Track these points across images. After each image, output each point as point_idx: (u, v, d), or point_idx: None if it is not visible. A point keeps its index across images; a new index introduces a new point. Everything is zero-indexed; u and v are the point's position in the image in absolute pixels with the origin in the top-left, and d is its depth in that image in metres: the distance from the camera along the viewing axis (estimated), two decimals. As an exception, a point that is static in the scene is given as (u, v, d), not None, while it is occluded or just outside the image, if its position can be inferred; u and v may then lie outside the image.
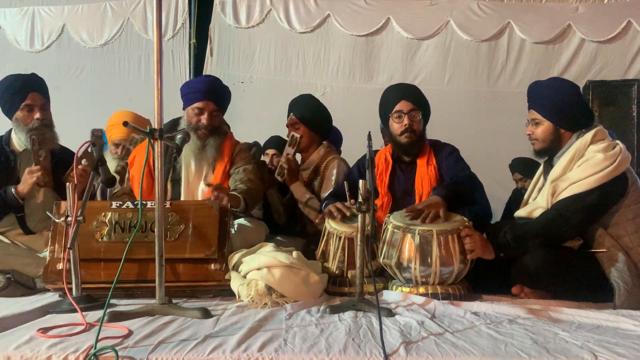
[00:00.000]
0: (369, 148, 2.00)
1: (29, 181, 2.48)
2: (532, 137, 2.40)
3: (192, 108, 2.74)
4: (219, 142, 2.76)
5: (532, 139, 2.41)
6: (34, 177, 2.46)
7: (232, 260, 2.19)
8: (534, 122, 2.39)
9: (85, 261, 2.08)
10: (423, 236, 2.13)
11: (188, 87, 2.82)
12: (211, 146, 2.72)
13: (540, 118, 2.36)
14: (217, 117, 2.77)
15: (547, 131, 2.35)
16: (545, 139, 2.36)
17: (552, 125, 2.34)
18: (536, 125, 2.38)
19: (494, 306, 1.93)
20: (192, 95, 2.75)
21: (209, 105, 2.71)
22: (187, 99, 2.78)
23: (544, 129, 2.35)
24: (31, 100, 2.61)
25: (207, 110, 2.71)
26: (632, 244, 2.16)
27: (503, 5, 5.30)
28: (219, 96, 2.78)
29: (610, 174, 2.16)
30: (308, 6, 5.40)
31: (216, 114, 2.75)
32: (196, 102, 2.72)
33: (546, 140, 2.36)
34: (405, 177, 2.70)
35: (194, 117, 2.73)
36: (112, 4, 5.53)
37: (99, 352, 1.36)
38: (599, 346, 1.46)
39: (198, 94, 2.73)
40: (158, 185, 1.85)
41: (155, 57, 1.82)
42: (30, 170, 2.47)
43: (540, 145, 2.39)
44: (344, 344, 1.46)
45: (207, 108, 2.71)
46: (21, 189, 2.51)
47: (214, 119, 2.74)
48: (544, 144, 2.37)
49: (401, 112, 2.64)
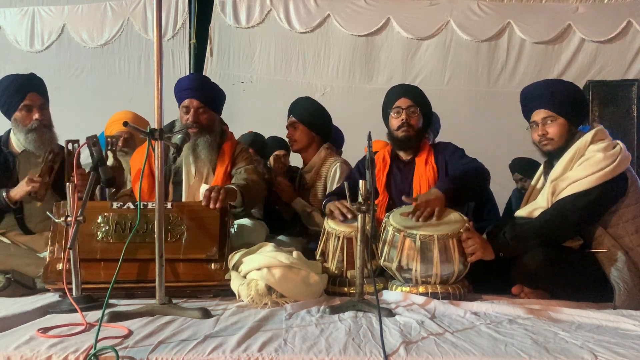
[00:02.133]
0: (369, 148, 2.00)
1: (23, 188, 2.46)
2: (547, 137, 2.34)
3: (180, 108, 2.75)
4: (211, 141, 2.71)
5: (545, 139, 2.35)
6: (30, 187, 2.44)
7: (232, 260, 2.19)
8: (545, 121, 2.34)
9: (85, 261, 2.08)
10: (424, 241, 2.13)
11: (176, 87, 2.82)
12: (203, 146, 2.69)
13: (554, 115, 2.33)
14: (205, 115, 2.72)
15: (563, 128, 2.32)
16: (561, 136, 2.32)
17: (566, 122, 2.32)
18: (550, 123, 2.34)
19: (494, 306, 1.93)
20: (179, 95, 2.77)
21: (192, 102, 2.70)
22: (177, 99, 2.79)
23: (560, 127, 2.32)
24: (30, 100, 2.60)
25: (192, 108, 2.70)
26: (632, 244, 2.16)
27: (503, 5, 5.30)
28: (204, 93, 2.75)
29: (610, 173, 2.16)
30: (308, 6, 5.41)
31: (203, 111, 2.71)
32: (182, 100, 2.73)
33: (562, 138, 2.32)
34: (402, 176, 2.70)
35: (183, 117, 2.73)
36: (112, 4, 5.53)
37: (99, 352, 1.36)
38: (599, 346, 1.46)
39: (184, 92, 2.74)
40: (158, 185, 1.85)
41: (155, 57, 1.82)
42: (31, 179, 2.45)
43: (555, 144, 2.34)
44: (344, 344, 1.46)
45: (192, 105, 2.70)
46: (13, 194, 2.50)
47: (200, 117, 2.70)
48: (560, 142, 2.33)
49: (399, 108, 2.66)
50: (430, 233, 2.13)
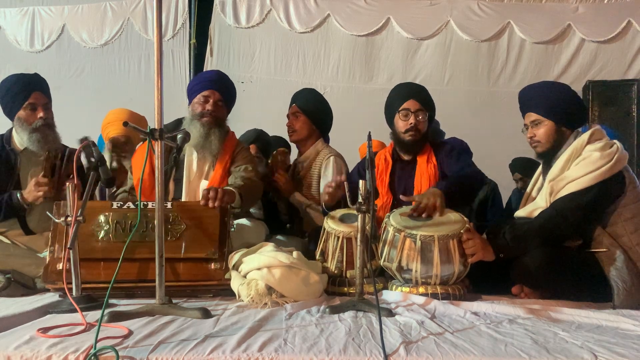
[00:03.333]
0: (368, 148, 2.00)
1: (34, 193, 2.47)
2: (535, 139, 2.39)
3: (198, 97, 2.77)
4: (222, 135, 2.76)
5: (534, 142, 2.40)
6: (41, 192, 2.46)
7: (232, 260, 2.19)
8: (534, 123, 2.39)
9: (85, 261, 2.07)
10: (424, 242, 2.13)
11: (197, 79, 2.87)
12: (215, 137, 2.73)
13: (541, 118, 2.36)
14: (222, 109, 2.80)
15: (549, 131, 2.35)
16: (548, 139, 2.36)
17: (554, 124, 2.35)
18: (537, 126, 2.38)
19: (494, 306, 1.93)
20: (199, 85, 2.80)
21: (214, 94, 2.76)
22: (193, 91, 2.81)
23: (547, 129, 2.36)
24: (34, 99, 2.61)
25: (213, 99, 2.75)
26: (631, 243, 2.16)
27: (503, 5, 5.31)
28: (225, 89, 2.83)
29: (607, 172, 2.16)
30: (308, 6, 5.41)
31: (221, 105, 2.78)
32: (203, 90, 2.77)
33: (550, 140, 2.36)
34: (405, 175, 2.71)
35: (199, 107, 2.75)
36: (112, 4, 5.54)
37: (99, 352, 1.36)
38: (599, 346, 1.46)
39: (206, 83, 2.79)
40: (158, 185, 1.85)
41: (156, 57, 1.82)
42: (38, 183, 2.46)
43: (543, 147, 2.38)
44: (344, 344, 1.46)
45: (213, 97, 2.76)
46: (27, 197, 2.51)
47: (219, 109, 2.77)
48: (548, 145, 2.37)
49: (408, 111, 2.65)
50: (430, 233, 2.13)
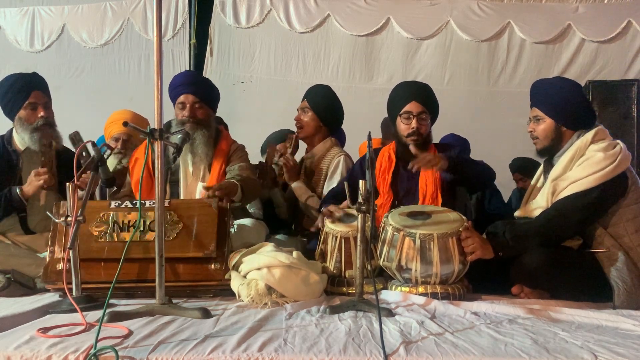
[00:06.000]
0: (369, 148, 2.00)
1: (34, 183, 2.47)
2: (534, 134, 2.41)
3: (176, 105, 2.77)
4: (207, 137, 2.73)
5: (533, 137, 2.42)
6: (41, 180, 2.46)
7: (232, 260, 2.19)
8: (535, 119, 2.40)
9: (85, 261, 2.08)
10: (423, 240, 2.13)
11: (170, 87, 2.84)
12: (200, 141, 2.70)
13: (542, 115, 2.37)
14: (201, 110, 2.75)
15: (548, 129, 2.36)
16: (546, 137, 2.37)
17: (554, 123, 2.35)
18: (537, 122, 2.39)
19: (494, 306, 1.93)
20: (174, 93, 2.79)
21: (188, 97, 2.74)
22: (172, 98, 2.81)
23: (546, 127, 2.36)
24: (34, 98, 2.61)
25: (188, 103, 2.73)
26: (632, 243, 2.16)
27: (503, 5, 5.30)
28: (199, 88, 2.79)
29: (610, 173, 2.16)
30: (308, 6, 5.40)
31: (199, 106, 2.74)
32: (178, 97, 2.76)
33: (547, 138, 2.37)
34: (408, 176, 2.67)
35: (179, 114, 2.75)
36: (112, 4, 5.53)
37: (99, 352, 1.36)
38: (599, 346, 1.46)
39: (178, 89, 2.77)
40: (158, 184, 1.85)
41: (155, 57, 1.83)
42: (37, 172, 2.47)
43: (541, 143, 2.39)
44: (344, 344, 1.46)
45: (187, 100, 2.73)
46: (26, 190, 2.51)
47: (197, 112, 2.73)
48: (545, 142, 2.38)
49: (410, 114, 2.63)
50: (429, 232, 2.13)
